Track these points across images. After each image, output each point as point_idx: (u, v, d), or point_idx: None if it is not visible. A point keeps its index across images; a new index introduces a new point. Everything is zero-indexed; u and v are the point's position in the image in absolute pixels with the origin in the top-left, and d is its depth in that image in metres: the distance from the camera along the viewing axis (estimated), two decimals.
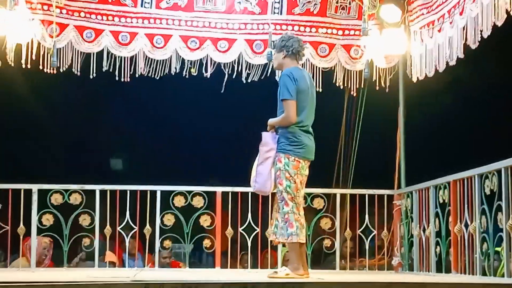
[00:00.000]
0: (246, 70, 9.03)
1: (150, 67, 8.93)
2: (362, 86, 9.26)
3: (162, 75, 8.96)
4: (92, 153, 11.84)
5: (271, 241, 7.42)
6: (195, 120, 11.82)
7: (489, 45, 7.26)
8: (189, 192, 8.83)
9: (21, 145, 11.41)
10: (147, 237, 8.80)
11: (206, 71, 9.02)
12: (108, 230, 8.73)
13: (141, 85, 9.29)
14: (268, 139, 7.04)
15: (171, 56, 8.96)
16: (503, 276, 6.70)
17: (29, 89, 10.40)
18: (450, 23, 7.71)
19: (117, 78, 8.87)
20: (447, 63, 7.92)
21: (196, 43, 9.00)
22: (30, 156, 11.48)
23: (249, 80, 9.06)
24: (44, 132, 11.66)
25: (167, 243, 8.88)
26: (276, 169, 6.98)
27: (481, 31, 7.05)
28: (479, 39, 7.15)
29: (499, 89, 10.26)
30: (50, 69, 8.66)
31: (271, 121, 7.08)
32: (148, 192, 8.75)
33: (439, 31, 8.01)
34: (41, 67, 8.65)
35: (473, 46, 7.25)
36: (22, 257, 8.81)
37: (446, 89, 9.97)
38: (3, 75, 8.52)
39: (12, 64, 8.51)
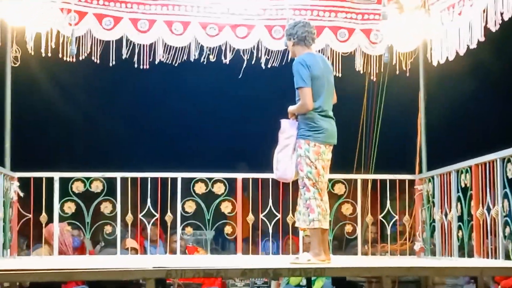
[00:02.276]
0: (265, 56, 9.00)
1: (169, 54, 8.92)
2: (382, 70, 9.21)
3: (181, 62, 8.95)
4: (113, 140, 11.87)
5: (295, 227, 7.40)
6: (215, 106, 11.84)
7: (510, 28, 7.19)
8: (210, 179, 8.84)
9: (42, 133, 11.46)
10: (168, 224, 8.82)
11: (225, 58, 9.00)
12: (129, 217, 8.75)
13: (160, 72, 9.29)
14: (286, 126, 7.02)
15: (190, 43, 8.94)
16: None
17: (49, 77, 10.44)
18: (471, 6, 7.64)
19: (136, 66, 8.87)
20: (467, 46, 7.85)
21: (214, 29, 8.97)
22: (51, 145, 11.54)
23: (269, 66, 9.03)
24: (65, 120, 11.72)
25: (188, 229, 8.90)
26: (297, 155, 6.96)
27: (501, 13, 6.98)
28: (500, 21, 7.08)
29: None
30: (69, 57, 8.67)
31: (290, 108, 7.05)
32: (169, 179, 8.76)
33: (459, 14, 7.94)
34: (60, 56, 8.66)
35: (494, 29, 7.18)
36: (44, 245, 8.85)
37: (467, 73, 9.92)
38: (23, 64, 8.53)
39: (32, 53, 8.52)
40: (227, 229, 8.92)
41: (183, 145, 12.07)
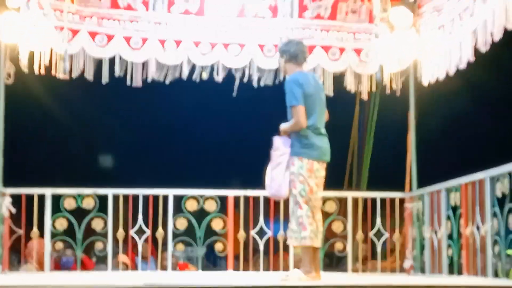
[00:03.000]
0: (257, 74, 9.04)
1: (161, 72, 8.96)
2: (373, 89, 9.26)
3: (173, 80, 8.98)
4: (105, 157, 11.89)
5: (286, 244, 7.42)
6: (207, 124, 11.88)
7: (499, 49, 7.26)
8: (202, 196, 8.87)
9: (34, 150, 11.48)
10: (160, 241, 8.84)
11: (218, 76, 9.03)
12: (121, 234, 8.76)
13: (152, 90, 9.32)
14: (279, 143, 7.05)
15: (182, 61, 8.98)
16: None
17: (42, 94, 10.46)
18: (461, 26, 7.70)
19: (128, 83, 8.89)
20: (457, 66, 7.91)
21: (207, 48, 9.00)
22: (43, 161, 11.55)
23: (261, 84, 9.07)
24: (57, 137, 11.73)
25: (180, 246, 8.91)
26: (290, 172, 6.99)
27: (492, 34, 7.04)
28: (490, 42, 7.14)
29: (510, 92, 10.26)
30: (62, 74, 8.68)
31: (283, 126, 7.09)
32: (161, 196, 8.79)
33: (449, 34, 8.00)
34: (53, 73, 8.68)
35: (484, 50, 7.24)
36: (27, 262, 8.85)
37: (457, 93, 9.99)
38: (16, 80, 8.56)
39: (25, 70, 8.54)
40: (218, 246, 8.94)
41: (174, 162, 12.10)
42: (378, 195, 8.97)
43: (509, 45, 7.47)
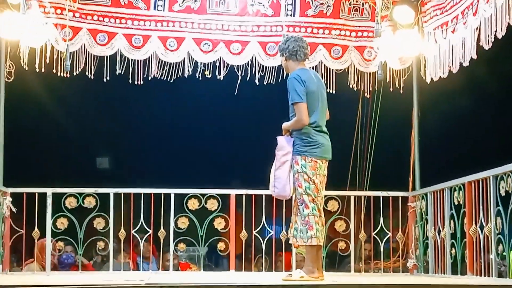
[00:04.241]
0: (259, 72, 9.02)
1: (163, 70, 8.93)
2: (376, 87, 9.23)
3: (175, 78, 8.96)
4: (106, 156, 11.87)
5: (288, 244, 7.37)
6: (208, 122, 11.84)
7: (503, 46, 7.22)
8: (203, 195, 8.83)
9: (35, 148, 11.45)
10: (161, 240, 8.80)
11: (220, 74, 9.00)
12: (122, 233, 8.73)
13: (154, 88, 9.29)
14: (283, 142, 7.01)
15: (184, 58, 8.96)
16: None
17: (42, 92, 10.44)
18: (464, 23, 7.67)
19: (130, 81, 8.87)
20: (460, 64, 7.88)
21: (209, 45, 8.99)
22: (44, 160, 11.52)
23: (264, 83, 9.04)
24: (58, 135, 11.70)
25: (182, 246, 8.88)
26: (294, 172, 6.95)
27: (495, 31, 7.00)
28: (493, 39, 7.10)
29: None
30: (63, 72, 8.67)
31: (284, 125, 7.05)
32: (162, 195, 8.76)
33: (452, 32, 7.96)
34: (54, 71, 8.66)
35: (487, 47, 7.20)
36: (35, 261, 8.82)
37: (460, 90, 9.95)
38: (16, 79, 8.53)
39: (26, 68, 8.52)
40: (220, 246, 8.91)
41: (176, 161, 12.06)
42: (381, 194, 8.93)
43: None
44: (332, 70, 9.09)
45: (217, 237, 8.94)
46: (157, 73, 8.93)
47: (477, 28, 7.35)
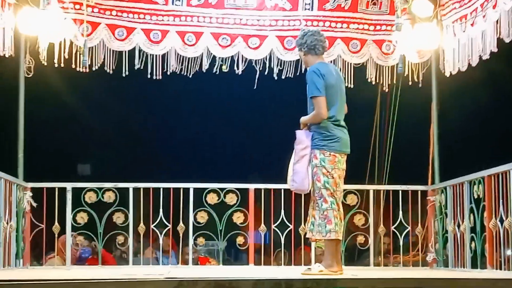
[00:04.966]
0: (277, 66, 9.02)
1: (181, 64, 8.95)
2: (395, 81, 9.20)
3: (193, 72, 8.97)
4: (126, 151, 11.90)
5: (307, 238, 7.37)
6: (226, 117, 11.85)
7: None
8: (222, 189, 8.84)
9: (55, 144, 11.49)
10: (181, 235, 8.82)
11: (238, 68, 9.01)
12: (141, 228, 8.75)
13: (172, 82, 9.31)
14: (302, 136, 7.00)
15: (202, 53, 8.97)
16: None
17: (62, 87, 10.47)
18: (483, 16, 7.64)
19: (149, 76, 8.89)
20: (480, 57, 7.84)
21: (227, 40, 8.99)
22: (64, 155, 11.57)
23: (283, 77, 9.03)
24: (78, 130, 11.75)
25: (201, 240, 8.89)
26: (313, 166, 6.95)
27: None
28: None
29: None
30: (82, 68, 8.70)
31: (303, 119, 7.05)
32: (181, 189, 8.77)
33: (472, 25, 7.93)
34: (73, 66, 8.69)
35: (507, 40, 7.17)
36: (57, 256, 8.87)
37: (479, 84, 9.90)
38: (36, 74, 8.57)
39: (45, 63, 8.56)
40: (239, 240, 8.91)
41: (195, 155, 12.08)
42: (400, 188, 8.91)
43: None
44: (351, 64, 9.08)
45: (236, 232, 8.95)
46: (175, 68, 8.95)
47: (497, 21, 7.31)
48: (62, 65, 8.58)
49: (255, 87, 8.95)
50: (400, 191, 8.88)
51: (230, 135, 11.99)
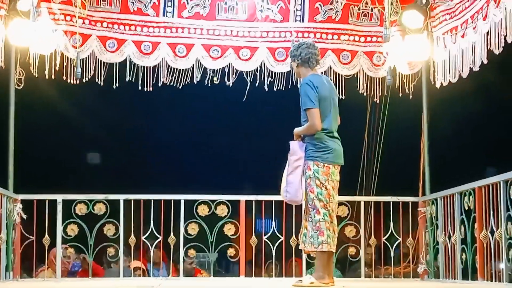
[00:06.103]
0: (268, 78, 9.02)
1: (172, 76, 8.95)
2: (385, 93, 9.22)
3: (184, 84, 8.97)
4: (116, 162, 11.87)
5: (298, 249, 7.36)
6: (217, 129, 11.84)
7: None
8: (213, 201, 8.83)
9: (45, 155, 11.46)
10: (171, 246, 8.80)
11: (229, 80, 9.01)
12: (132, 239, 8.73)
13: (163, 94, 9.30)
14: (296, 147, 7.01)
15: (193, 65, 8.98)
16: None
17: (52, 99, 10.45)
18: (473, 28, 7.67)
19: (139, 88, 8.89)
20: (470, 68, 7.87)
21: (218, 51, 9.00)
22: (54, 167, 11.53)
23: (274, 89, 9.04)
24: (68, 142, 11.71)
25: (192, 252, 8.87)
26: (306, 177, 6.95)
27: (505, 36, 6.98)
28: (503, 44, 7.09)
29: None
30: (73, 79, 8.70)
31: (296, 130, 7.05)
32: (172, 201, 8.75)
33: (462, 36, 7.96)
34: (64, 78, 8.68)
35: (497, 52, 7.19)
36: (48, 268, 8.83)
37: (470, 95, 9.92)
38: (26, 86, 8.56)
39: (36, 75, 8.55)
40: (230, 252, 8.90)
41: (186, 167, 12.06)
42: (391, 199, 8.91)
43: None
44: (341, 75, 9.09)
45: (227, 243, 8.93)
46: (166, 80, 8.95)
47: (487, 33, 7.33)
48: (53, 76, 8.57)
49: (244, 99, 8.95)
50: (391, 203, 8.88)
51: (221, 147, 11.97)
